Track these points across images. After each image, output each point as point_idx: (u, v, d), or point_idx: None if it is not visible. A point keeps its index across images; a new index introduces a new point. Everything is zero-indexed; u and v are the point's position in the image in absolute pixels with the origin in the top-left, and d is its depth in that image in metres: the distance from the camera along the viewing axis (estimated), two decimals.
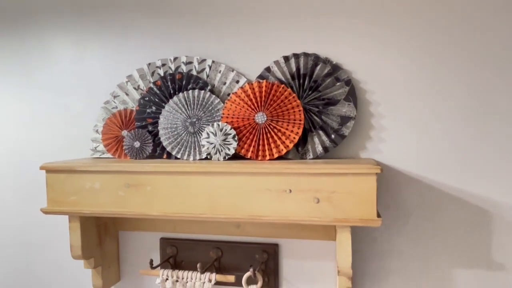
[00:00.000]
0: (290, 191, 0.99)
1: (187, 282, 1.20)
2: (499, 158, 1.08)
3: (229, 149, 1.13)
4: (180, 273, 1.20)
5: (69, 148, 1.38)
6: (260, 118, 1.14)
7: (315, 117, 1.14)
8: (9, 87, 1.43)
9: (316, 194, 0.97)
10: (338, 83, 1.14)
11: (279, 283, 1.23)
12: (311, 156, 1.14)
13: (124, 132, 1.25)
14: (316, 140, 1.14)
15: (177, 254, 1.29)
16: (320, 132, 1.14)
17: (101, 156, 1.29)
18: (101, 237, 1.25)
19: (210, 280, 1.18)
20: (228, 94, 1.22)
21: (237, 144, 1.13)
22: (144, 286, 1.34)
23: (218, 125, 1.14)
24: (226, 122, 1.15)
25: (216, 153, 1.14)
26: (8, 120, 1.44)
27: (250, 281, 1.15)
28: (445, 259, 1.12)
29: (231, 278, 1.17)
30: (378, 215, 0.95)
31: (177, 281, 1.20)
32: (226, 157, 1.13)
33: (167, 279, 1.21)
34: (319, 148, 1.14)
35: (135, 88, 1.27)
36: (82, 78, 1.36)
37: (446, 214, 1.12)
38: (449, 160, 1.11)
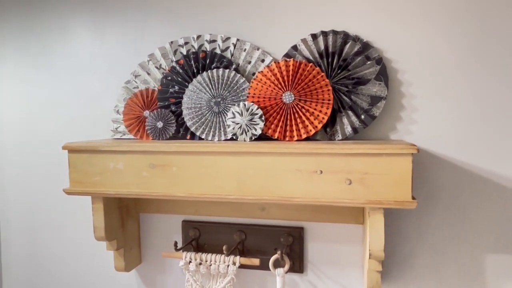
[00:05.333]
0: (321, 172, 0.95)
1: (210, 264, 1.18)
2: None
3: (255, 129, 1.10)
4: (204, 255, 1.18)
5: (89, 129, 1.35)
6: (288, 97, 1.10)
7: (344, 97, 1.11)
8: (28, 68, 1.40)
9: (348, 175, 0.94)
10: (368, 62, 1.10)
11: (304, 266, 1.21)
12: (340, 137, 1.11)
13: (146, 113, 1.22)
14: (345, 120, 1.11)
15: (200, 237, 1.27)
16: (349, 112, 1.10)
17: (122, 137, 1.27)
18: (123, 219, 1.23)
19: (234, 263, 1.16)
20: (253, 74, 1.18)
21: (264, 124, 1.10)
22: (166, 269, 1.32)
23: (244, 104, 1.10)
24: (252, 102, 1.11)
25: (242, 134, 1.11)
26: (28, 100, 1.42)
27: (277, 264, 1.13)
28: (477, 243, 1.09)
29: (255, 261, 1.15)
30: (413, 197, 0.92)
31: (200, 263, 1.19)
32: (253, 138, 1.10)
33: (190, 261, 1.19)
34: (348, 129, 1.10)
35: (157, 67, 1.24)
36: (102, 57, 1.32)
37: (478, 197, 1.08)
38: (482, 142, 1.07)
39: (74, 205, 1.38)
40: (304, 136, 1.09)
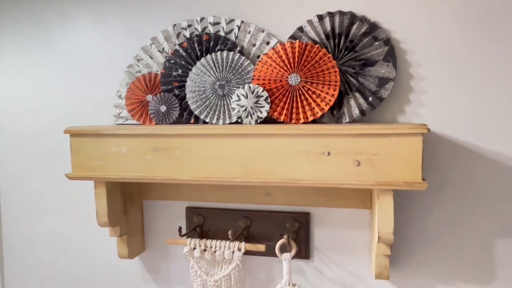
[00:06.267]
0: (329, 153, 0.93)
1: (215, 251, 1.16)
2: None
3: (261, 112, 1.08)
4: (208, 242, 1.16)
5: (91, 114, 1.33)
6: (294, 79, 1.08)
7: (352, 79, 1.08)
8: (28, 53, 1.38)
9: (356, 157, 0.92)
10: (376, 43, 1.07)
11: (310, 252, 1.19)
12: (347, 120, 1.08)
13: (149, 97, 1.20)
14: (352, 102, 1.08)
15: (204, 223, 1.25)
16: (357, 94, 1.08)
17: (124, 123, 1.25)
18: (126, 205, 1.22)
19: (239, 249, 1.14)
20: (258, 56, 1.16)
21: (270, 107, 1.08)
22: (170, 256, 1.31)
23: (250, 87, 1.08)
24: (258, 84, 1.09)
25: (247, 116, 1.08)
26: (29, 86, 1.39)
27: (283, 249, 1.11)
28: (488, 228, 1.07)
29: (261, 247, 1.13)
30: (423, 179, 0.90)
31: (205, 250, 1.17)
32: (258, 121, 1.08)
33: (194, 248, 1.17)
34: (356, 111, 1.08)
35: (159, 51, 1.21)
36: (103, 42, 1.30)
37: (489, 180, 1.06)
38: (492, 124, 1.05)
39: (76, 191, 1.36)
40: (310, 118, 1.07)
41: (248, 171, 0.98)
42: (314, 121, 1.08)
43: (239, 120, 1.10)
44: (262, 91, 1.07)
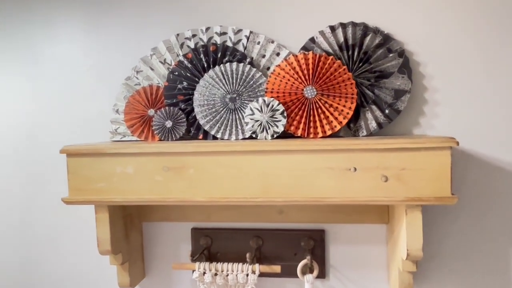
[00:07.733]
0: (355, 169, 0.90)
1: (227, 275, 1.09)
2: None
3: (277, 126, 1.02)
4: (219, 265, 1.09)
5: (84, 131, 1.22)
6: (309, 92, 1.04)
7: (367, 91, 1.06)
8: (16, 66, 1.24)
9: (384, 172, 0.89)
10: (390, 55, 1.05)
11: (326, 271, 1.14)
12: (364, 133, 1.06)
13: (151, 111, 1.11)
14: (369, 115, 1.06)
15: (211, 245, 1.17)
16: (373, 107, 1.06)
17: (122, 139, 1.15)
18: (127, 229, 1.12)
19: (253, 272, 1.07)
20: (268, 68, 1.11)
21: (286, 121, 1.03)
22: (173, 283, 1.21)
23: (264, 100, 1.03)
24: (272, 98, 1.04)
25: (262, 131, 1.03)
26: (17, 101, 1.25)
27: (304, 270, 1.06)
28: (510, 242, 1.07)
29: (277, 268, 1.07)
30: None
31: (216, 274, 1.09)
32: (274, 136, 1.03)
33: (204, 272, 1.09)
34: (373, 124, 1.05)
35: (161, 62, 1.14)
36: (98, 52, 1.20)
37: (506, 193, 1.06)
38: (507, 135, 1.06)
39: (70, 216, 1.24)
40: (328, 132, 1.03)
41: (268, 190, 0.92)
42: (330, 135, 1.04)
43: (253, 135, 1.04)
44: (278, 104, 1.02)
